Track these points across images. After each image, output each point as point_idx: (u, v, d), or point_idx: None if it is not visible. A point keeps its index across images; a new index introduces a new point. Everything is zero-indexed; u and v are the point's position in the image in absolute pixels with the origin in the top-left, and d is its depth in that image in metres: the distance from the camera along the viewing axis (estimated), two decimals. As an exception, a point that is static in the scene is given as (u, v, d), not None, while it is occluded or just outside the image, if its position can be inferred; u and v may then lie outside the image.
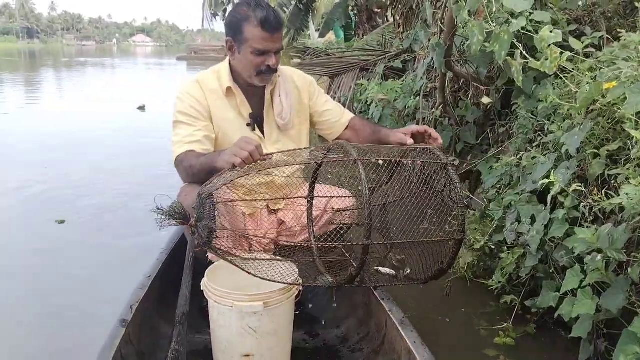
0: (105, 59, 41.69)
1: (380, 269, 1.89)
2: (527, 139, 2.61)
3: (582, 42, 2.09)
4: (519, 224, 2.27)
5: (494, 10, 2.30)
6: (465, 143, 3.24)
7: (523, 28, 2.25)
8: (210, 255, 1.87)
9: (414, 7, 5.90)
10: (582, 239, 1.58)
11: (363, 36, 10.56)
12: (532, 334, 2.19)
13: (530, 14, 2.34)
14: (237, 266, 1.57)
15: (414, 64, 5.20)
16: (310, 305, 2.24)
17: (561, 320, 2.00)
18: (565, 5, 3.16)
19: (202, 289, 1.69)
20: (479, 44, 2.35)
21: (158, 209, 1.46)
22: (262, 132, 2.10)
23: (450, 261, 1.69)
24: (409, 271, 1.83)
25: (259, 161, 1.63)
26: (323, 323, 2.15)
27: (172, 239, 2.28)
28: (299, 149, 1.82)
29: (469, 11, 2.39)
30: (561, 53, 2.01)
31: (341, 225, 1.95)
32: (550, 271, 2.08)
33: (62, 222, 3.51)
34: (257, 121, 2.08)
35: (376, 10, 12.24)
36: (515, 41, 2.24)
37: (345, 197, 2.01)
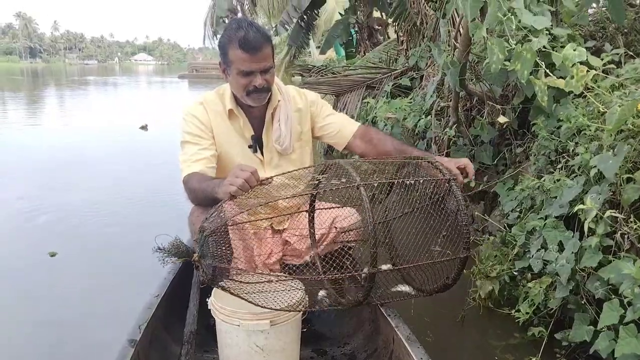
0: (107, 77, 41.88)
1: (400, 286, 1.83)
2: (548, 160, 2.50)
3: (602, 59, 2.00)
4: (545, 251, 2.15)
5: (513, 27, 2.22)
6: (480, 163, 3.13)
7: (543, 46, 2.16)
8: None
9: (418, 24, 5.85)
10: (627, 275, 1.46)
11: (364, 53, 10.51)
12: (563, 369, 2.06)
13: (549, 31, 2.25)
14: (243, 299, 1.53)
15: (421, 81, 5.12)
16: (317, 323, 2.24)
17: (594, 355, 1.88)
18: (576, 21, 3.08)
19: (209, 307, 1.68)
20: (499, 63, 2.25)
21: (159, 249, 1.48)
22: (263, 154, 2.08)
23: (456, 277, 1.65)
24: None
25: (258, 186, 1.61)
26: (330, 340, 2.13)
27: None
28: (300, 169, 1.79)
29: (486, 29, 2.30)
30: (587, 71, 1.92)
31: (346, 244, 1.94)
32: (582, 302, 1.96)
33: (54, 255, 3.36)
34: (258, 144, 2.07)
35: (377, 27, 12.25)
36: (537, 59, 2.15)
37: (348, 216, 1.98)
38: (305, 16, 10.73)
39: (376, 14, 11.30)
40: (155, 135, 9.12)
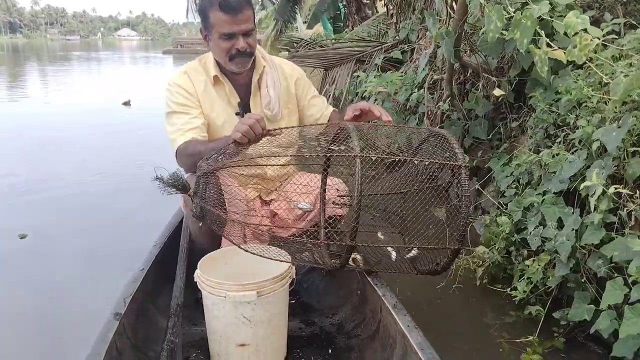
0: (90, 53, 40.97)
1: (380, 234, 1.88)
2: (546, 134, 2.42)
3: (602, 29, 1.91)
4: (543, 227, 2.08)
5: (512, -7, 2.11)
6: (474, 138, 3.04)
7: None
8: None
9: (408, -3, 5.71)
10: (636, 252, 1.39)
11: (352, 27, 10.33)
12: (561, 349, 2.00)
13: (548, -1, 2.14)
14: (233, 243, 1.61)
15: (412, 54, 5.00)
16: (305, 294, 2.23)
17: (594, 335, 1.83)
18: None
19: (195, 280, 1.67)
20: (496, 32, 2.15)
21: (158, 178, 1.54)
22: None
23: (445, 266, 1.65)
24: (414, 252, 1.76)
25: (266, 136, 1.64)
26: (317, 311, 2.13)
27: (164, 233, 2.23)
28: (314, 125, 1.84)
29: (485, -4, 2.19)
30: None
31: (333, 216, 1.92)
32: (582, 280, 1.89)
33: (24, 236, 3.21)
34: (246, 110, 2.04)
35: (365, 1, 12.02)
36: (537, 28, 2.04)
37: (336, 187, 1.98)
38: (292, -11, 10.50)
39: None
40: (138, 110, 8.90)
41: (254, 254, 1.64)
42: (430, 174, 1.74)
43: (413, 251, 1.75)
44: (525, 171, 2.35)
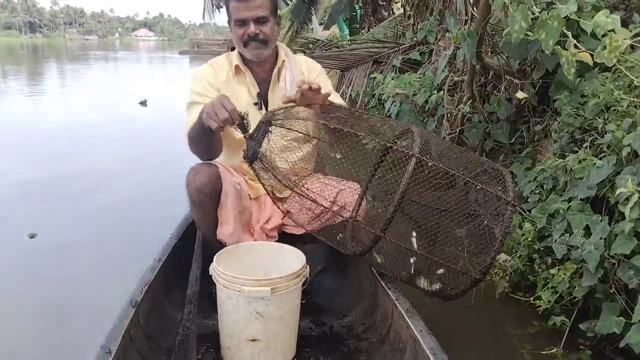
0: (108, 52, 41.42)
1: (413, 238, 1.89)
2: (571, 138, 2.34)
3: (630, 30, 1.83)
4: (569, 235, 2.01)
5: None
6: (495, 142, 2.97)
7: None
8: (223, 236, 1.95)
9: (426, -2, 5.65)
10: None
11: (369, 29, 10.26)
12: (587, 362, 1.93)
13: (575, -2, 2.07)
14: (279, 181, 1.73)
15: (430, 56, 4.93)
16: (317, 295, 2.23)
17: (624, 349, 1.75)
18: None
19: (210, 273, 1.69)
20: (521, 32, 2.08)
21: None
22: None
23: (459, 293, 1.71)
24: (438, 286, 1.82)
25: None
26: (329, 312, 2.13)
27: (182, 225, 2.26)
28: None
29: (509, -5, 2.12)
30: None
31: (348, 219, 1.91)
32: (611, 291, 1.82)
33: (33, 236, 3.18)
34: (263, 102, 2.09)
35: (381, 2, 11.94)
36: (564, 29, 1.97)
37: (353, 191, 2.00)
38: (307, -10, 10.46)
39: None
40: (154, 110, 8.92)
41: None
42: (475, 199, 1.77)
43: (439, 270, 1.79)
44: (550, 176, 2.27)
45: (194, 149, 1.98)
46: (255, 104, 2.08)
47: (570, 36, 1.93)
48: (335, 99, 2.16)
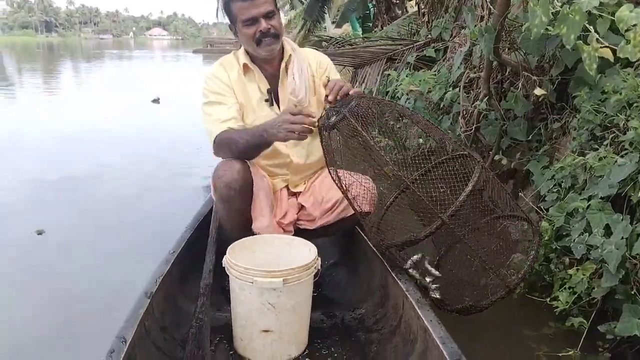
0: (123, 51, 41.78)
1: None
2: (591, 135, 2.29)
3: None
4: (588, 235, 1.96)
5: (560, -14, 1.99)
6: (512, 139, 2.92)
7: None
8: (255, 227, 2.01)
9: (441, -5, 5.58)
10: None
11: (382, 27, 10.20)
12: (606, 365, 1.88)
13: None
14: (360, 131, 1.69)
15: (445, 53, 4.87)
16: (328, 288, 2.26)
17: (645, 352, 1.70)
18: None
19: (223, 265, 1.71)
20: (541, 27, 2.03)
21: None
22: (280, 108, 2.11)
23: (488, 305, 1.79)
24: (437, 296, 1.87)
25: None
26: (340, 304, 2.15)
27: (196, 219, 2.29)
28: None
29: (529, -12, 2.07)
30: None
31: (360, 214, 1.92)
32: (632, 292, 1.77)
33: (41, 232, 3.20)
34: (274, 97, 2.11)
35: (395, 0, 11.87)
36: (586, 23, 1.92)
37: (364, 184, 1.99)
38: (321, -11, 10.43)
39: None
40: (167, 108, 8.96)
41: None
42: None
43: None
44: (569, 175, 2.22)
45: (232, 154, 1.95)
46: (266, 100, 2.09)
47: (593, 31, 1.89)
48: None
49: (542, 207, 2.39)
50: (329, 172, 1.87)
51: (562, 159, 2.46)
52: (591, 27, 1.91)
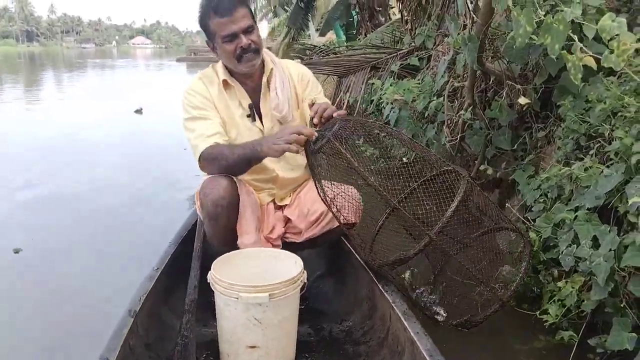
0: (105, 60, 41.42)
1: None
2: (576, 145, 2.27)
3: (635, 34, 1.77)
4: (576, 246, 1.93)
5: (542, -4, 1.98)
6: (497, 148, 2.90)
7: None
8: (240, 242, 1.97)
9: (423, 3, 5.58)
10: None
11: (366, 35, 10.23)
12: (597, 379, 1.85)
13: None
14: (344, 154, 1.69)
15: (429, 61, 4.87)
16: (315, 301, 2.23)
17: (636, 365, 1.67)
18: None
19: (208, 280, 1.69)
20: (526, 36, 2.01)
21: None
22: (263, 123, 2.09)
23: (483, 319, 1.82)
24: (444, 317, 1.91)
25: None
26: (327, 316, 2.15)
27: (179, 235, 2.26)
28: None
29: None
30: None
31: (344, 226, 1.92)
32: (622, 305, 1.74)
33: (17, 251, 3.10)
34: (256, 112, 2.08)
35: (378, 8, 11.93)
36: (570, 32, 1.91)
37: (349, 194, 1.97)
38: (305, -3, 10.44)
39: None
40: (149, 119, 8.84)
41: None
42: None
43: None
44: (555, 185, 2.20)
45: (220, 170, 1.92)
46: (248, 115, 2.06)
47: (577, 40, 1.87)
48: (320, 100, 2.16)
49: (528, 217, 2.36)
50: (316, 188, 1.86)
51: (548, 168, 2.44)
52: (575, 36, 1.90)
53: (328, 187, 1.85)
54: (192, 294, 1.78)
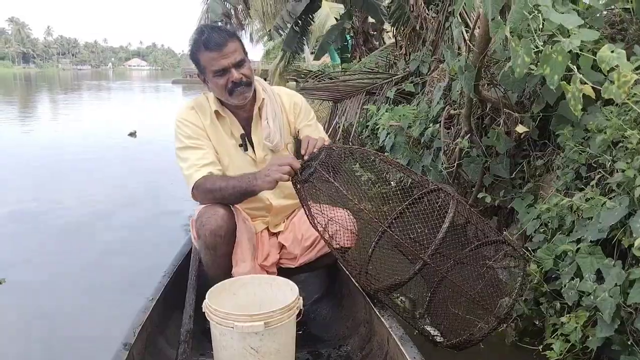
0: (101, 82, 41.54)
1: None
2: (576, 175, 2.24)
3: (632, 63, 1.75)
4: (580, 280, 1.88)
5: (540, 26, 1.96)
6: (495, 176, 2.86)
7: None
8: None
9: (417, 28, 5.62)
10: None
11: (360, 59, 10.31)
12: (604, 419, 1.78)
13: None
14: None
15: (424, 87, 4.87)
16: (312, 325, 2.22)
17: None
18: (590, 22, 2.83)
19: (203, 310, 1.66)
20: (524, 67, 1.99)
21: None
22: (255, 152, 2.09)
23: (481, 338, 1.74)
24: (439, 339, 1.85)
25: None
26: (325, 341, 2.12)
27: (173, 263, 2.23)
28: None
29: (510, 29, 2.04)
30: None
31: (339, 250, 1.88)
32: (629, 342, 1.69)
33: (1, 282, 3.01)
34: (248, 142, 2.08)
35: (372, 32, 12.05)
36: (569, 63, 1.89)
37: (343, 219, 1.94)
38: (299, 21, 10.53)
39: (372, 19, 11.12)
40: (143, 142, 8.81)
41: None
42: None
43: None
44: (556, 215, 2.15)
45: (214, 200, 1.90)
46: (240, 145, 2.05)
47: (576, 70, 1.85)
48: (309, 129, 2.13)
49: (528, 247, 2.31)
50: (308, 219, 1.82)
51: (548, 197, 2.40)
52: (574, 66, 1.88)
53: (319, 214, 1.83)
54: (188, 324, 1.76)
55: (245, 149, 2.05)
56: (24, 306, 2.76)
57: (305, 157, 1.77)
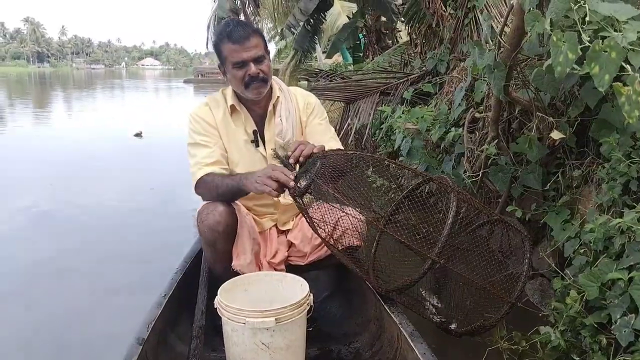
0: (114, 81, 41.76)
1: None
2: (624, 189, 1.96)
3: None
4: (635, 316, 1.60)
5: (586, 18, 1.68)
6: (525, 187, 2.58)
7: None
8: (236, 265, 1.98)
9: (434, 26, 5.34)
10: None
11: (372, 57, 10.05)
12: None
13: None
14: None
15: (442, 87, 4.58)
16: (323, 322, 2.23)
17: None
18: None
19: (215, 306, 1.69)
20: (567, 65, 1.71)
21: (275, 152, 1.86)
22: (266, 149, 2.11)
23: (495, 322, 1.75)
24: (454, 325, 1.84)
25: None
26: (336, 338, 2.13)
27: (186, 259, 2.25)
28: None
29: (551, 21, 1.76)
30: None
31: (348, 248, 1.90)
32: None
33: None
34: (260, 138, 2.11)
35: (385, 30, 11.77)
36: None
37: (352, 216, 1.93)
38: (311, 20, 10.28)
39: (383, 17, 10.84)
40: (149, 143, 8.62)
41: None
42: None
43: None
44: (603, 237, 1.87)
45: (212, 198, 1.96)
46: (252, 141, 2.09)
47: (630, 69, 1.57)
48: (330, 141, 2.10)
49: (568, 272, 2.03)
50: (310, 226, 1.79)
51: (587, 214, 2.12)
52: (628, 66, 1.60)
53: (322, 221, 1.81)
54: (200, 319, 1.81)
55: (257, 145, 2.08)
56: (35, 305, 2.78)
57: (291, 160, 1.77)
